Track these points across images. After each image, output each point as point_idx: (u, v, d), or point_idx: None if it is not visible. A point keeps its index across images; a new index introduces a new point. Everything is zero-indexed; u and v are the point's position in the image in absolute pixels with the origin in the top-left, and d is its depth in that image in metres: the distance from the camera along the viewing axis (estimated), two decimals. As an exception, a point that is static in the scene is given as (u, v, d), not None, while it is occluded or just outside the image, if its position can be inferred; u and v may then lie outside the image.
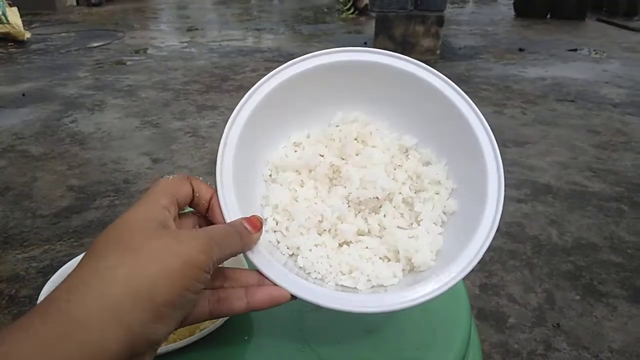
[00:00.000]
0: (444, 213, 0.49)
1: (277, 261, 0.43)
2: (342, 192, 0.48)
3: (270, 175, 0.51)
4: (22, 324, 0.29)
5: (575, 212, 2.09)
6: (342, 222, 0.48)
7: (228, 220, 0.43)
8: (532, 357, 1.39)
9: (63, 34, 5.79)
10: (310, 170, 0.50)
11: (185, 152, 2.63)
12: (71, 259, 0.58)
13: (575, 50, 5.02)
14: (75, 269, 0.33)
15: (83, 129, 2.95)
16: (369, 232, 0.48)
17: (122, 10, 7.76)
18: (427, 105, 0.51)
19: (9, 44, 5.13)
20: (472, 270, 0.43)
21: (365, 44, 5.12)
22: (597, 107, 3.37)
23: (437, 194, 0.49)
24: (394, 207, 0.49)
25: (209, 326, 0.49)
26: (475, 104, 0.50)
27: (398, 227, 0.48)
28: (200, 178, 0.44)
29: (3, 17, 5.04)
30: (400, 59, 0.51)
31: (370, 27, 5.43)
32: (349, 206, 0.48)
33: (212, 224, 0.44)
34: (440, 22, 4.53)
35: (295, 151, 0.52)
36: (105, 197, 2.18)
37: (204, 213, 0.44)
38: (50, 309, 0.30)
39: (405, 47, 4.65)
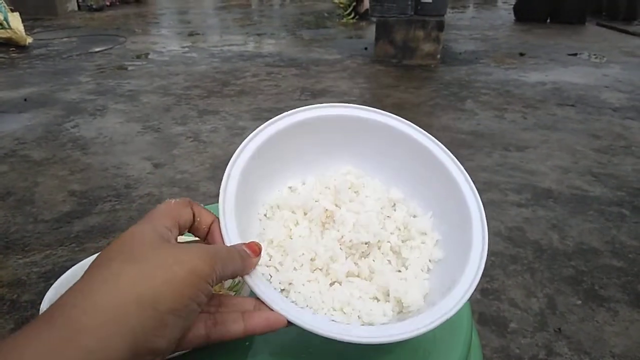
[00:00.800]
0: (430, 261, 0.52)
1: (274, 289, 0.44)
2: (335, 235, 0.51)
3: (265, 215, 0.53)
4: (28, 330, 0.29)
5: (576, 217, 2.09)
6: (333, 263, 0.49)
7: (228, 244, 0.43)
8: (533, 362, 1.39)
9: (65, 39, 5.81)
10: (305, 213, 0.52)
11: (187, 157, 2.64)
12: (74, 264, 0.58)
13: (576, 54, 5.03)
14: (81, 277, 0.33)
15: (85, 133, 2.96)
16: (358, 275, 0.50)
17: (124, 15, 7.79)
18: (414, 162, 0.56)
19: (11, 49, 5.14)
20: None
21: (365, 49, 5.14)
22: (597, 111, 3.38)
23: (423, 243, 0.53)
24: (382, 254, 0.52)
25: None
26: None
27: (385, 271, 0.50)
28: (202, 205, 0.45)
29: (5, 23, 5.06)
30: (393, 118, 0.56)
31: (370, 32, 5.44)
32: (341, 248, 0.50)
33: None
34: (440, 26, 4.55)
35: (290, 195, 0.55)
36: (106, 202, 2.18)
37: (203, 238, 0.45)
38: (56, 314, 0.30)
39: (405, 52, 4.67)
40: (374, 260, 0.51)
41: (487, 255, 0.48)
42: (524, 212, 2.13)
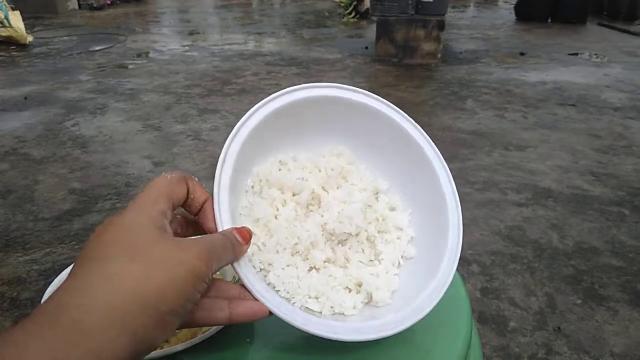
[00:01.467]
0: (402, 257, 0.54)
1: (261, 278, 0.45)
2: (319, 221, 0.52)
3: (253, 187, 0.53)
4: (29, 329, 0.28)
5: (576, 216, 2.09)
6: (314, 248, 0.51)
7: (220, 229, 0.43)
8: (533, 361, 1.39)
9: (65, 38, 5.81)
10: (294, 194, 0.53)
11: (187, 156, 2.64)
12: (72, 263, 0.58)
13: (576, 54, 5.03)
14: (79, 269, 0.33)
15: (85, 132, 2.96)
16: (334, 262, 0.52)
17: (124, 14, 7.79)
18: (405, 156, 0.57)
19: (11, 47, 5.15)
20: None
21: (366, 48, 5.13)
22: (598, 111, 3.38)
23: (399, 238, 0.55)
24: (358, 241, 0.53)
25: (212, 328, 0.50)
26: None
27: (359, 261, 0.52)
28: (196, 179, 0.44)
29: (5, 21, 5.06)
30: (394, 109, 0.58)
31: (371, 31, 5.44)
32: (322, 235, 0.51)
33: (198, 226, 0.46)
34: (441, 26, 4.55)
35: (280, 169, 0.55)
36: (107, 200, 2.19)
37: (194, 214, 0.45)
38: (59, 313, 0.30)
39: (406, 51, 4.67)
40: (349, 248, 0.53)
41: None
42: (524, 211, 2.13)
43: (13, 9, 5.25)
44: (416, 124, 0.58)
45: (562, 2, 6.70)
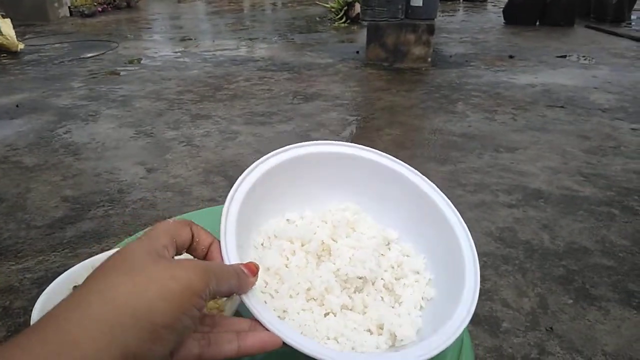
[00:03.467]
0: (422, 299, 0.53)
1: (270, 309, 0.45)
2: (331, 268, 0.51)
3: (262, 244, 0.54)
4: (19, 342, 0.29)
5: (566, 217, 2.11)
6: (328, 294, 0.50)
7: (227, 264, 0.44)
8: (525, 360, 1.40)
9: (56, 45, 5.79)
10: (303, 244, 0.53)
11: (180, 162, 2.64)
12: (66, 270, 0.58)
13: (565, 56, 5.08)
14: (78, 289, 0.34)
15: (77, 139, 2.96)
16: (352, 309, 0.51)
17: (116, 20, 7.78)
18: (409, 203, 0.58)
19: (2, 55, 5.12)
20: None
21: (357, 53, 5.16)
22: (586, 112, 3.41)
23: (417, 281, 0.54)
24: (376, 290, 0.53)
25: None
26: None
27: (378, 306, 0.51)
28: (201, 225, 0.45)
29: (-4, 29, 5.04)
30: (389, 158, 0.58)
31: (362, 36, 5.46)
32: (336, 281, 0.51)
33: None
34: (430, 30, 4.58)
35: (288, 227, 0.56)
36: (99, 207, 2.18)
37: (201, 259, 0.45)
38: (48, 327, 0.30)
39: (397, 55, 4.70)
40: (367, 295, 0.51)
41: (479, 256, 0.50)
42: (514, 212, 2.14)
43: (4, 17, 5.23)
44: (408, 165, 0.58)
45: (550, 5, 6.77)
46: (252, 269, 0.43)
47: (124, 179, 2.45)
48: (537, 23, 6.96)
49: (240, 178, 0.50)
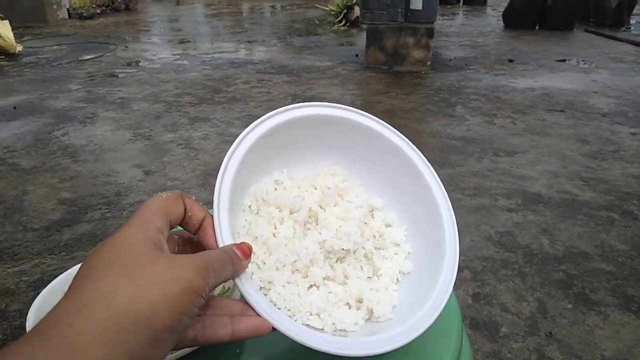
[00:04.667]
0: (400, 272, 0.54)
1: (262, 294, 0.45)
2: (317, 238, 0.52)
3: (250, 207, 0.53)
4: (21, 348, 0.28)
5: (566, 221, 2.10)
6: (313, 265, 0.51)
7: (221, 244, 0.43)
8: (525, 366, 1.39)
9: (55, 47, 5.78)
10: (292, 212, 0.53)
11: (178, 164, 2.63)
12: (62, 273, 0.57)
13: (564, 60, 5.08)
14: (74, 289, 0.33)
15: (74, 141, 2.95)
16: (333, 279, 0.52)
17: (114, 23, 7.78)
18: (396, 170, 0.58)
19: (0, 57, 5.12)
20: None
21: (356, 56, 5.16)
22: (586, 116, 3.41)
23: (396, 254, 0.55)
24: (356, 259, 0.54)
25: None
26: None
27: (358, 277, 0.53)
28: (193, 197, 0.44)
29: (-6, 31, 5.03)
30: (388, 128, 0.58)
31: (361, 39, 5.47)
32: (321, 252, 0.51)
33: (197, 244, 0.46)
34: (430, 33, 4.58)
35: (276, 189, 0.55)
36: (96, 210, 2.17)
37: (193, 232, 0.45)
38: (51, 333, 0.29)
39: (396, 59, 4.70)
40: (348, 265, 0.53)
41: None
42: (514, 216, 2.14)
43: (2, 19, 5.23)
44: (404, 137, 0.58)
45: (550, 9, 6.78)
46: (245, 251, 0.43)
47: (121, 182, 2.44)
48: (537, 27, 6.98)
49: (230, 149, 0.49)
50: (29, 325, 0.50)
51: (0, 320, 1.54)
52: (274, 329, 0.41)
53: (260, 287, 0.47)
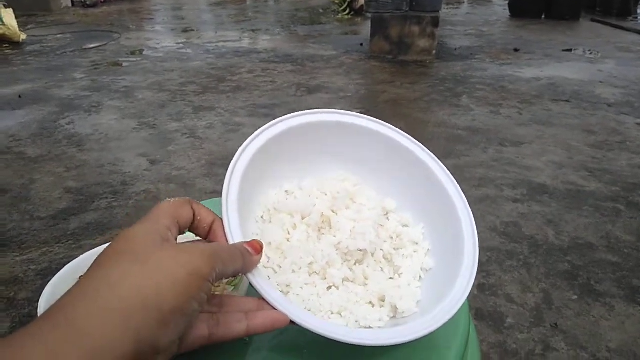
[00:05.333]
0: (421, 269, 0.53)
1: (276, 288, 0.45)
2: (332, 241, 0.52)
3: (262, 217, 0.54)
4: (31, 330, 0.29)
5: (571, 212, 2.10)
6: (330, 267, 0.50)
7: (231, 242, 0.44)
8: (530, 357, 1.40)
9: (59, 36, 5.77)
10: (303, 217, 0.53)
11: (183, 154, 2.63)
12: (70, 261, 0.58)
13: (570, 50, 5.05)
14: (86, 276, 0.34)
15: (80, 130, 2.95)
16: (353, 281, 0.51)
17: (118, 11, 7.75)
18: (407, 171, 0.58)
19: (5, 45, 5.11)
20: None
21: (361, 45, 5.13)
22: (592, 106, 3.39)
23: (415, 252, 0.55)
24: (375, 261, 0.53)
25: None
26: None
27: (378, 278, 0.52)
28: (201, 203, 0.45)
29: (-2, 19, 5.02)
30: (390, 128, 0.58)
31: (366, 28, 5.44)
32: (337, 254, 0.51)
33: None
34: (435, 22, 4.55)
35: (287, 199, 0.55)
36: (103, 199, 2.18)
37: (204, 237, 0.46)
38: (59, 315, 0.30)
39: (401, 48, 4.67)
40: (367, 267, 0.52)
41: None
42: (519, 207, 2.14)
43: (6, 7, 5.21)
44: (412, 138, 0.58)
45: (556, -2, 6.72)
46: (256, 247, 0.44)
47: (127, 171, 2.44)
48: (543, 16, 6.91)
49: (238, 152, 0.50)
50: (40, 311, 0.50)
51: (9, 308, 1.56)
52: (291, 322, 0.41)
53: (280, 292, 0.46)
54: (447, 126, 3.04)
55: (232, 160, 0.49)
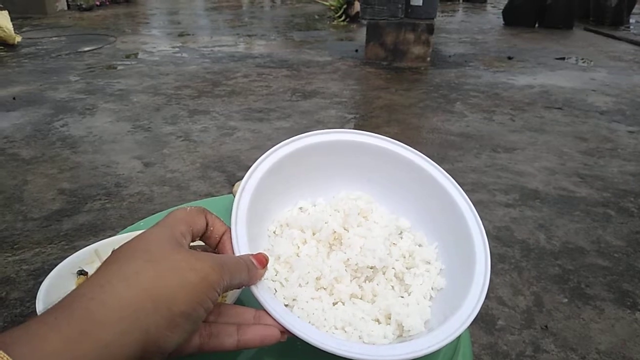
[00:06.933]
0: (432, 289, 0.53)
1: (279, 301, 0.45)
2: (342, 257, 0.52)
3: (274, 232, 0.55)
4: (47, 320, 0.30)
5: (563, 217, 2.12)
6: (338, 283, 0.50)
7: (237, 254, 0.45)
8: (520, 358, 1.41)
9: (54, 38, 5.77)
10: (314, 233, 0.54)
11: (177, 156, 2.64)
12: (62, 262, 0.58)
13: (563, 58, 5.10)
14: (100, 270, 0.35)
15: (74, 132, 2.95)
16: (361, 297, 0.51)
17: (114, 15, 7.75)
18: (421, 191, 0.58)
19: (0, 47, 5.10)
20: None
21: (356, 51, 5.16)
22: (584, 114, 3.43)
23: (427, 271, 0.54)
24: (386, 279, 0.53)
25: None
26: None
27: (387, 295, 0.51)
28: (215, 214, 0.46)
29: (-7, 21, 5.01)
30: (403, 147, 0.58)
31: (361, 35, 5.47)
32: (346, 270, 0.51)
33: None
34: (430, 30, 4.59)
35: (299, 215, 0.56)
36: (96, 201, 2.18)
37: (213, 247, 0.46)
38: (74, 305, 0.31)
39: (396, 55, 4.70)
40: (377, 284, 0.52)
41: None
42: (511, 212, 2.15)
43: (1, 9, 5.20)
44: (424, 156, 0.58)
45: (549, 7, 6.79)
46: (262, 261, 0.44)
47: (121, 173, 2.44)
48: (536, 25, 6.98)
49: (251, 168, 0.51)
50: (39, 304, 0.50)
51: (0, 308, 1.55)
52: (284, 334, 0.41)
53: (285, 305, 0.47)
54: (441, 132, 3.06)
55: (245, 176, 0.50)
